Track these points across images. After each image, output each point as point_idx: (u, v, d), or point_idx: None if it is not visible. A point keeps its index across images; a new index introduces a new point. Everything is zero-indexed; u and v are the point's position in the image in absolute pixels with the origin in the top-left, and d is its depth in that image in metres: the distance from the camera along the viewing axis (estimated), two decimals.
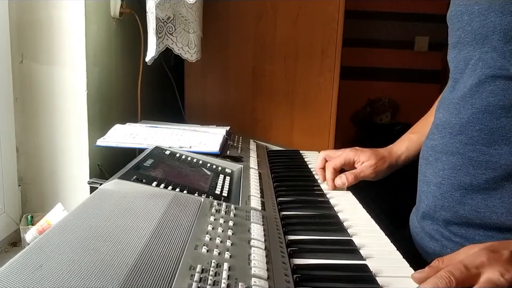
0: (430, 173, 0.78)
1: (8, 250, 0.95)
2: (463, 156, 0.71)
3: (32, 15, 0.98)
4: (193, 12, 1.29)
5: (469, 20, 0.72)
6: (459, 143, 0.72)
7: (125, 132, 1.03)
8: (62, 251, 0.46)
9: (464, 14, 0.73)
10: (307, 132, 1.63)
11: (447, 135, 0.75)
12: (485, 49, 0.70)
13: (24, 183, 1.04)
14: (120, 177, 0.70)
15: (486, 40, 0.69)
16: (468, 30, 0.72)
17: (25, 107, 1.01)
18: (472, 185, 0.70)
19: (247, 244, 0.57)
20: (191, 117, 1.61)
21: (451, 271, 0.50)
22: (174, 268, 0.46)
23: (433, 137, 0.79)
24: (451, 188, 0.73)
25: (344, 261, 0.59)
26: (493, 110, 0.68)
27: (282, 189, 0.90)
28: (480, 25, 0.70)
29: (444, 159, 0.75)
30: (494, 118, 0.68)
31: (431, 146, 0.79)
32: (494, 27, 0.67)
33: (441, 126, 0.77)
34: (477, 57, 0.71)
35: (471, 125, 0.70)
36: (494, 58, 0.68)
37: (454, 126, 0.74)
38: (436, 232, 0.76)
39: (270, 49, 1.59)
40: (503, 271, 0.50)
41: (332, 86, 1.60)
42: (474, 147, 0.70)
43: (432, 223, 0.78)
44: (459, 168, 0.72)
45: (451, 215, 0.73)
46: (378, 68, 3.12)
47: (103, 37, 1.12)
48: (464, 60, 0.74)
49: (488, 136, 0.68)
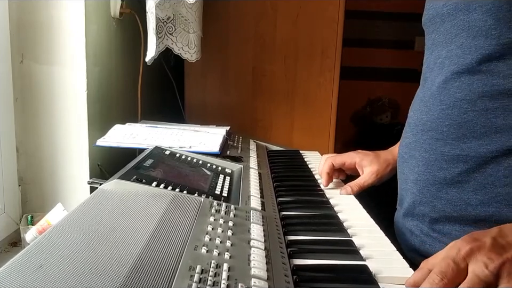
0: (407, 170, 0.80)
1: (8, 250, 0.95)
2: (435, 151, 0.73)
3: (32, 15, 0.98)
4: (193, 12, 1.29)
5: (440, 21, 0.75)
6: (430, 139, 0.74)
7: (124, 132, 1.03)
8: (61, 251, 0.46)
9: (435, 17, 0.77)
10: (307, 132, 1.63)
11: (419, 132, 0.77)
12: (451, 47, 0.73)
13: (24, 183, 1.04)
14: (120, 177, 0.70)
15: (455, 38, 0.72)
16: (441, 31, 0.76)
17: (25, 107, 1.01)
18: (446, 179, 0.72)
19: (247, 244, 0.57)
20: (191, 117, 1.61)
21: (442, 271, 0.51)
22: (173, 268, 0.46)
23: (406, 135, 0.82)
24: (427, 184, 0.74)
25: (344, 261, 0.59)
26: (460, 105, 0.70)
27: (282, 189, 0.90)
28: (450, 25, 0.73)
29: (417, 156, 0.77)
30: (462, 113, 0.70)
31: (405, 144, 0.81)
32: (462, 25, 0.70)
33: (413, 124, 0.79)
34: (444, 56, 0.74)
35: (441, 121, 0.72)
36: (459, 55, 0.71)
37: (425, 123, 0.76)
38: (416, 228, 0.78)
39: (270, 49, 1.59)
40: (486, 260, 0.51)
41: (332, 86, 1.60)
42: (445, 142, 0.72)
43: (412, 219, 0.79)
44: (432, 163, 0.74)
45: (429, 210, 0.74)
46: (378, 67, 3.11)
47: (103, 37, 1.12)
48: (433, 60, 0.77)
49: (457, 131, 0.70)
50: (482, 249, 0.52)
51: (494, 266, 0.50)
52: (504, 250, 0.52)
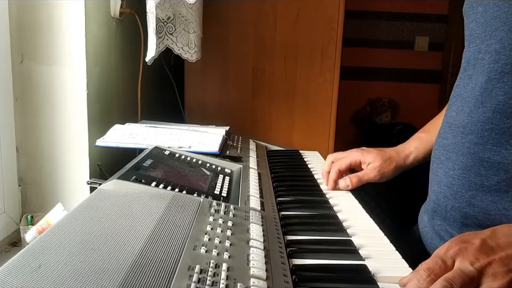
0: (441, 173, 0.77)
1: (8, 250, 0.95)
2: (474, 156, 0.70)
3: (32, 15, 0.98)
4: (193, 12, 1.29)
5: (483, 11, 0.70)
6: (470, 142, 0.70)
7: (124, 132, 1.03)
8: (60, 251, 0.46)
9: (479, 6, 0.71)
10: (307, 132, 1.63)
11: (459, 134, 0.73)
12: (491, 41, 0.68)
13: (24, 183, 1.04)
14: (119, 178, 0.70)
15: (495, 32, 0.67)
16: (481, 22, 0.70)
17: (25, 107, 1.01)
18: (483, 186, 0.68)
19: (246, 244, 0.57)
20: (191, 117, 1.61)
21: (429, 268, 0.51)
22: (172, 268, 0.46)
23: (446, 136, 0.78)
24: (461, 189, 0.71)
25: (343, 261, 0.59)
26: (503, 109, 0.66)
27: (281, 189, 0.90)
28: (492, 16, 0.68)
29: (454, 159, 0.73)
30: (504, 117, 0.66)
31: (443, 145, 0.78)
32: (506, 18, 0.65)
33: (454, 125, 0.75)
34: (484, 50, 0.69)
35: (481, 125, 0.69)
36: (498, 51, 0.66)
37: (465, 126, 0.72)
38: (446, 232, 0.75)
39: (270, 49, 1.59)
40: (473, 259, 0.50)
41: (332, 86, 1.60)
42: (485, 147, 0.68)
43: (442, 223, 0.76)
44: (469, 168, 0.70)
45: (461, 216, 0.72)
46: (378, 68, 3.11)
47: (103, 37, 1.12)
48: (473, 54, 0.73)
49: (498, 136, 0.66)
50: (470, 249, 0.51)
51: (480, 264, 0.50)
52: (493, 251, 0.51)
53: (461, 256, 0.51)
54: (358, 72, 3.05)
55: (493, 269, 0.49)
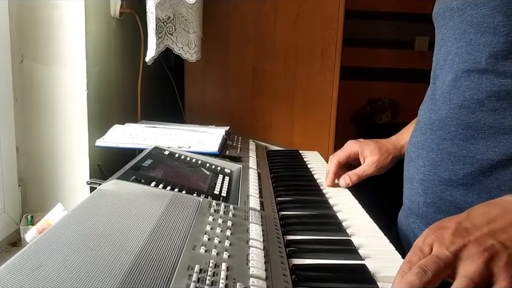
0: (413, 170, 0.79)
1: (8, 250, 0.95)
2: (442, 152, 0.72)
3: (32, 15, 0.98)
4: (193, 12, 1.29)
5: (450, 16, 0.74)
6: (438, 138, 0.73)
7: (124, 132, 1.03)
8: (60, 251, 0.46)
9: (445, 11, 0.75)
10: (307, 132, 1.63)
11: (427, 131, 0.76)
12: (461, 44, 0.71)
13: (24, 183, 1.04)
14: (119, 178, 0.70)
15: (464, 34, 0.70)
16: (450, 26, 0.74)
17: (25, 107, 1.01)
18: (451, 181, 0.71)
19: (246, 244, 0.57)
20: (191, 117, 1.61)
21: (410, 260, 0.50)
22: (172, 268, 0.46)
23: (415, 134, 0.81)
24: (432, 184, 0.74)
25: (343, 261, 0.59)
26: (469, 105, 0.69)
27: (281, 188, 0.90)
28: (459, 20, 0.71)
29: (424, 155, 0.76)
30: (470, 113, 0.69)
31: (413, 143, 0.80)
32: (471, 20, 0.69)
33: (422, 123, 0.78)
34: (453, 52, 0.72)
35: (449, 120, 0.71)
36: (468, 52, 0.69)
37: (433, 122, 0.75)
38: (419, 229, 0.76)
39: (270, 49, 1.59)
40: (448, 243, 0.49)
41: (332, 86, 1.60)
42: (452, 142, 0.71)
43: (415, 221, 0.78)
44: (438, 164, 0.73)
45: (433, 211, 0.73)
46: (378, 68, 3.11)
47: (103, 37, 1.12)
48: (443, 56, 0.76)
49: (465, 131, 0.69)
50: (445, 234, 0.50)
51: (455, 248, 0.48)
52: (468, 233, 0.50)
53: (437, 242, 0.50)
54: (358, 72, 3.05)
55: (468, 251, 0.48)
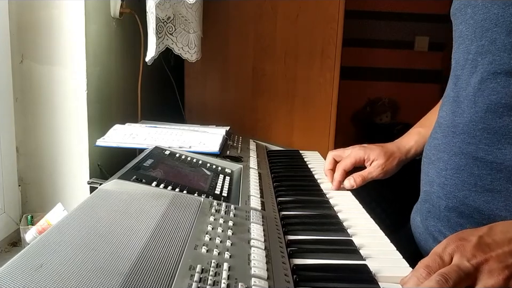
0: (433, 173, 0.77)
1: (8, 250, 0.95)
2: (467, 156, 0.70)
3: (32, 15, 0.98)
4: (193, 12, 1.29)
5: (472, 13, 0.71)
6: (462, 142, 0.71)
7: (124, 132, 1.03)
8: (61, 251, 0.46)
9: (467, 7, 0.72)
10: (307, 132, 1.63)
11: (450, 134, 0.73)
12: (482, 42, 0.68)
13: (24, 183, 1.04)
14: (119, 177, 0.70)
15: (486, 33, 0.68)
16: (470, 24, 0.71)
17: (25, 107, 1.01)
18: (476, 186, 0.68)
19: (247, 243, 0.57)
20: (191, 117, 1.61)
21: (428, 265, 0.51)
22: (173, 268, 0.46)
23: (436, 136, 0.78)
24: (454, 189, 0.71)
25: (344, 261, 0.59)
26: (496, 109, 0.66)
27: (282, 188, 0.90)
28: (482, 18, 0.68)
29: (446, 159, 0.73)
30: (497, 117, 0.66)
31: (434, 146, 0.78)
32: (497, 19, 0.66)
33: (444, 125, 0.76)
34: (474, 51, 0.70)
35: (474, 124, 0.69)
36: (493, 52, 0.67)
37: (457, 125, 0.72)
38: (439, 233, 0.75)
39: (270, 49, 1.59)
40: (470, 256, 0.50)
41: (332, 86, 1.60)
42: (477, 147, 0.68)
43: (435, 224, 0.76)
44: (462, 168, 0.70)
45: (455, 216, 0.72)
46: (378, 68, 3.12)
47: (103, 37, 1.12)
48: (463, 55, 0.73)
49: (491, 136, 0.67)
50: (467, 246, 0.52)
51: (477, 261, 0.50)
52: (489, 248, 0.51)
53: (459, 253, 0.51)
54: (358, 72, 3.05)
55: (489, 265, 0.50)
